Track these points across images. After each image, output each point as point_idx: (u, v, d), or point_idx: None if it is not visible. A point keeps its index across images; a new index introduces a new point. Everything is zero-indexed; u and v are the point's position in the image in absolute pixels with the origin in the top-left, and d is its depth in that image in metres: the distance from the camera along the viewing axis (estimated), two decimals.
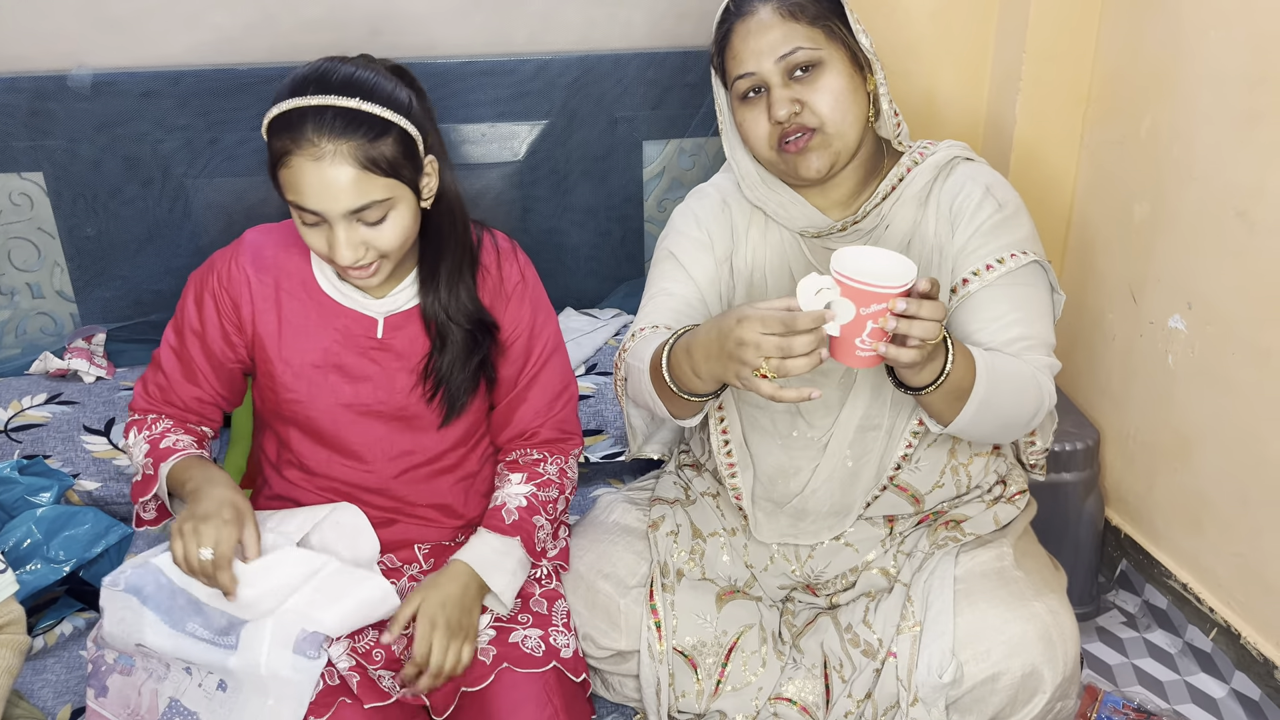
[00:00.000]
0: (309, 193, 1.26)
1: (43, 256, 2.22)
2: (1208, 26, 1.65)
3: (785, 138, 1.35)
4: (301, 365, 1.44)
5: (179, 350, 1.48)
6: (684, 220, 1.53)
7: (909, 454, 1.43)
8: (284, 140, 1.26)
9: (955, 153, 1.44)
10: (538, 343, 1.52)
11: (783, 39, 1.32)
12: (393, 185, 1.29)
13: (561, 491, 1.53)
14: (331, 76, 1.28)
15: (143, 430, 1.48)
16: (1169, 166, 1.77)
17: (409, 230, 1.34)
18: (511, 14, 2.20)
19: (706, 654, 1.46)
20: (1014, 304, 1.37)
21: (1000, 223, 1.39)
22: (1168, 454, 1.85)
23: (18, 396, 2.04)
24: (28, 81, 2.07)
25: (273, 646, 1.29)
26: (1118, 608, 1.96)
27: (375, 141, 1.26)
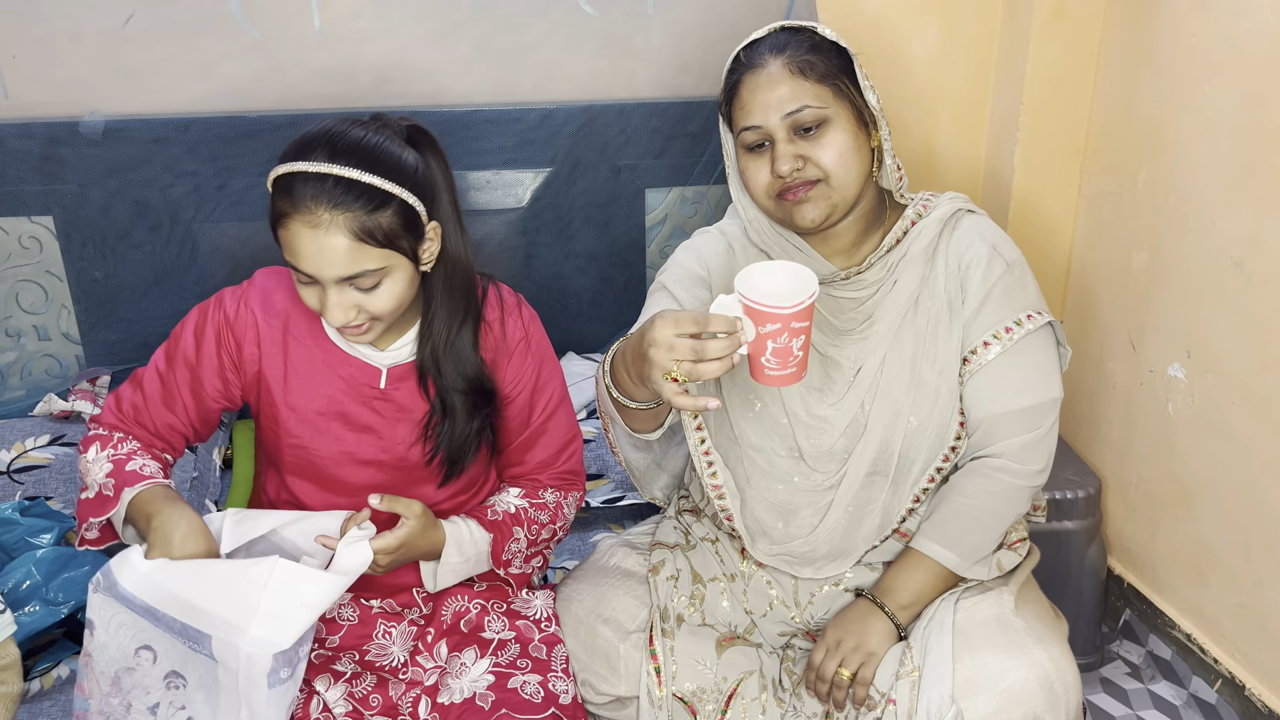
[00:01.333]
0: (304, 257, 1.28)
1: (50, 299, 2.24)
2: (1202, 80, 1.68)
3: (786, 189, 1.37)
4: (306, 411, 1.45)
5: (165, 376, 1.46)
6: (686, 255, 1.55)
7: (914, 508, 1.44)
8: (284, 202, 1.27)
9: (958, 205, 1.47)
10: (541, 397, 1.51)
11: (790, 96, 1.34)
12: (388, 255, 1.30)
13: (552, 521, 1.52)
14: (338, 142, 1.28)
15: (106, 447, 1.42)
16: (1166, 217, 1.79)
17: (404, 295, 1.34)
18: (517, 64, 2.24)
19: (706, 701, 1.45)
20: (1026, 370, 1.41)
21: (1010, 285, 1.41)
22: (1169, 503, 1.85)
23: (21, 438, 2.05)
24: (41, 127, 2.11)
25: (247, 681, 1.25)
26: (1121, 658, 1.95)
27: (373, 213, 1.27)
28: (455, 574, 1.47)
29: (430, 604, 1.52)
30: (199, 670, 1.28)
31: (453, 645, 1.45)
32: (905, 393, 1.43)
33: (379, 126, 1.34)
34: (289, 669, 1.27)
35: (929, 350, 1.43)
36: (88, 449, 1.44)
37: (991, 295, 1.41)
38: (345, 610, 1.49)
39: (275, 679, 1.25)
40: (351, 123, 1.33)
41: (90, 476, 1.41)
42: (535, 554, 1.53)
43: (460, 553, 1.45)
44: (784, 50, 1.36)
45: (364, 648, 1.46)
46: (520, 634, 1.47)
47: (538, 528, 1.50)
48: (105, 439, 1.44)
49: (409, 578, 1.52)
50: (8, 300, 2.22)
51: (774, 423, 1.46)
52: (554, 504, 1.53)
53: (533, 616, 1.51)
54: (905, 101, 2.08)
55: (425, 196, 1.34)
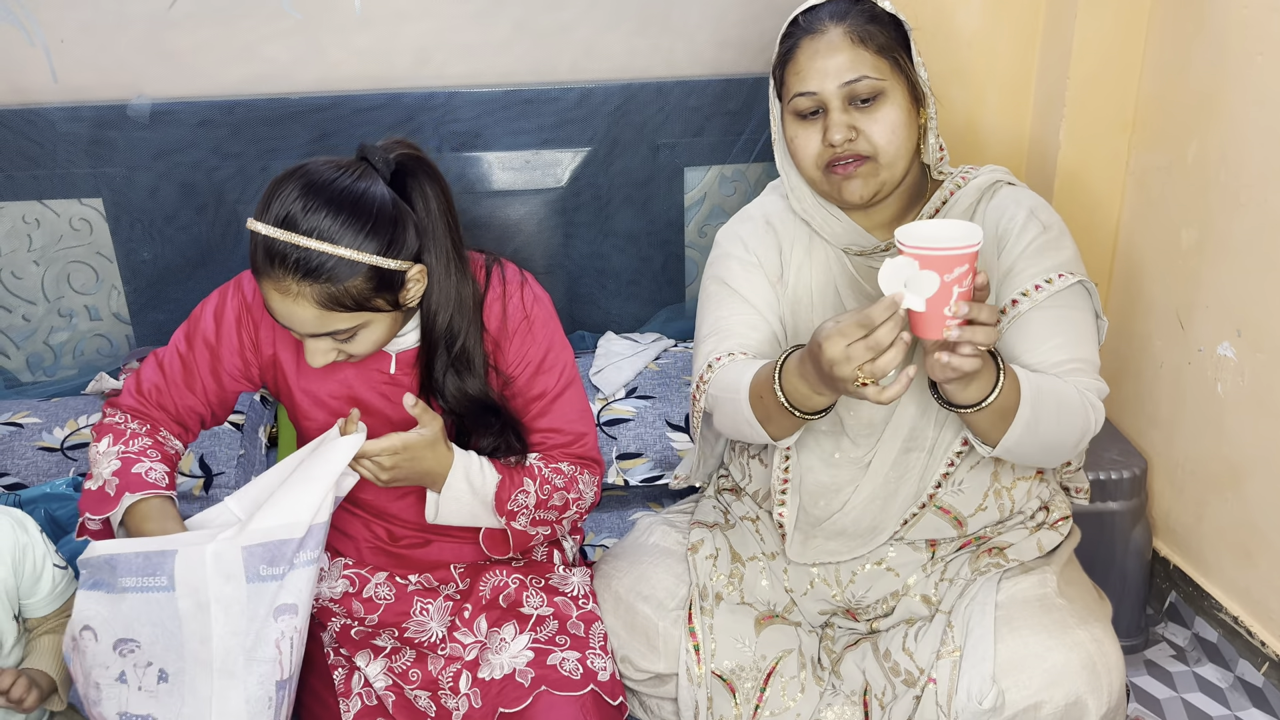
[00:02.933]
0: (276, 314, 1.29)
1: (101, 280, 2.28)
2: (1254, 52, 1.64)
3: (835, 161, 1.36)
4: (319, 394, 1.46)
5: (186, 357, 1.46)
6: (730, 243, 1.53)
7: (950, 473, 1.42)
8: (256, 260, 1.27)
9: (998, 176, 1.45)
10: (545, 379, 1.47)
11: (850, 64, 1.33)
12: (359, 316, 1.29)
13: (567, 489, 1.47)
14: (308, 203, 1.24)
15: (118, 441, 1.41)
16: (1217, 192, 1.75)
17: (384, 337, 1.35)
18: (555, 44, 2.24)
19: (745, 678, 1.46)
20: (1060, 326, 1.36)
21: (1045, 244, 1.38)
22: (1217, 483, 1.82)
23: (74, 416, 2.10)
24: (89, 111, 2.14)
25: (217, 578, 1.23)
26: (1167, 640, 1.92)
27: (342, 283, 1.25)
28: (460, 506, 1.42)
29: (467, 579, 1.53)
30: (149, 622, 1.26)
31: (492, 620, 1.46)
32: None
33: (360, 172, 1.28)
34: (269, 565, 1.24)
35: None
36: (100, 438, 1.43)
37: (1026, 253, 1.38)
38: (382, 589, 1.51)
39: (254, 574, 1.24)
40: (330, 170, 1.27)
41: (97, 468, 1.40)
42: (544, 522, 1.48)
43: (467, 482, 1.40)
44: (845, 18, 1.34)
45: (403, 625, 1.48)
46: (559, 610, 1.48)
47: (550, 488, 1.45)
48: (119, 431, 1.42)
49: (445, 553, 1.54)
50: (60, 281, 2.27)
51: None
52: (570, 473, 1.48)
53: (570, 593, 1.52)
54: (949, 76, 2.05)
55: (407, 244, 1.29)
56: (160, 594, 1.25)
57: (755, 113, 2.26)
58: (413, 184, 1.32)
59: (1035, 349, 1.35)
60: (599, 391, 2.16)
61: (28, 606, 1.35)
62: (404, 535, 1.53)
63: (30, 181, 2.18)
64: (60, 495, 1.84)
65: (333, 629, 1.49)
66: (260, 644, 1.25)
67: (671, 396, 2.13)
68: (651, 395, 2.14)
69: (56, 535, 1.80)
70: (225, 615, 1.23)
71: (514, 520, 1.45)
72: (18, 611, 1.34)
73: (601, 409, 2.11)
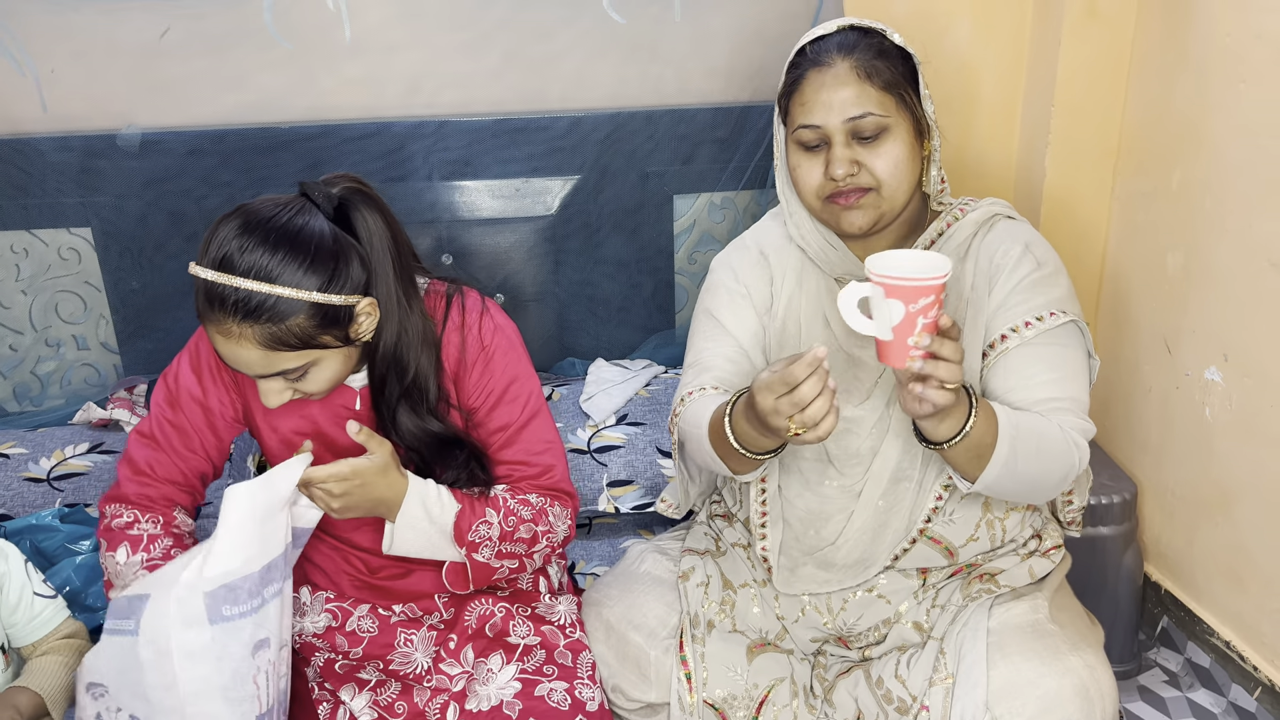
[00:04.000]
0: (223, 357, 1.28)
1: (89, 309, 2.27)
2: (1236, 79, 1.66)
3: (837, 193, 1.36)
4: (286, 432, 1.45)
5: (176, 420, 1.44)
6: (722, 271, 1.54)
7: (940, 506, 1.42)
8: (200, 302, 1.25)
9: (997, 210, 1.45)
10: (507, 409, 1.44)
11: (855, 100, 1.32)
12: (307, 354, 1.27)
13: (534, 522, 1.43)
14: (246, 242, 1.22)
15: (138, 550, 1.38)
16: (1201, 218, 1.76)
17: (338, 374, 1.32)
18: (545, 72, 2.25)
19: (737, 707, 1.45)
20: (1049, 364, 1.36)
21: (1038, 280, 1.39)
22: (1208, 508, 1.82)
23: (61, 446, 2.09)
24: (79, 140, 2.15)
25: (178, 625, 1.21)
26: (1160, 666, 1.92)
27: (283, 322, 1.23)
28: (416, 535, 1.38)
29: (452, 609, 1.52)
30: (114, 666, 1.25)
31: (478, 650, 1.45)
32: None
33: (298, 208, 1.26)
34: (232, 604, 1.23)
35: None
36: (115, 547, 1.39)
37: (1018, 289, 1.38)
38: (364, 621, 1.49)
39: (218, 616, 1.22)
40: (270, 207, 1.26)
41: (122, 580, 1.37)
42: (511, 555, 1.43)
43: (424, 509, 1.37)
44: (853, 51, 1.34)
45: (387, 657, 1.46)
46: (545, 639, 1.47)
47: (515, 520, 1.42)
48: (135, 539, 1.39)
49: (426, 583, 1.52)
50: (48, 310, 2.26)
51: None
52: (539, 505, 1.45)
53: (557, 622, 1.51)
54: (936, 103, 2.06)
55: (352, 280, 1.27)
56: (126, 638, 1.24)
57: (743, 140, 2.28)
58: (356, 217, 1.30)
59: (1023, 385, 1.35)
60: (589, 418, 2.15)
61: (11, 635, 1.34)
62: (382, 566, 1.51)
63: (19, 211, 2.18)
64: (46, 527, 1.82)
65: (316, 664, 1.47)
66: (238, 682, 1.23)
67: (662, 423, 2.13)
68: (642, 422, 2.14)
69: (42, 566, 1.79)
70: (189, 662, 1.22)
71: (476, 552, 1.41)
72: (3, 641, 1.33)
73: (592, 436, 2.10)
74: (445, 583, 1.46)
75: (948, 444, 1.24)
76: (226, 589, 1.23)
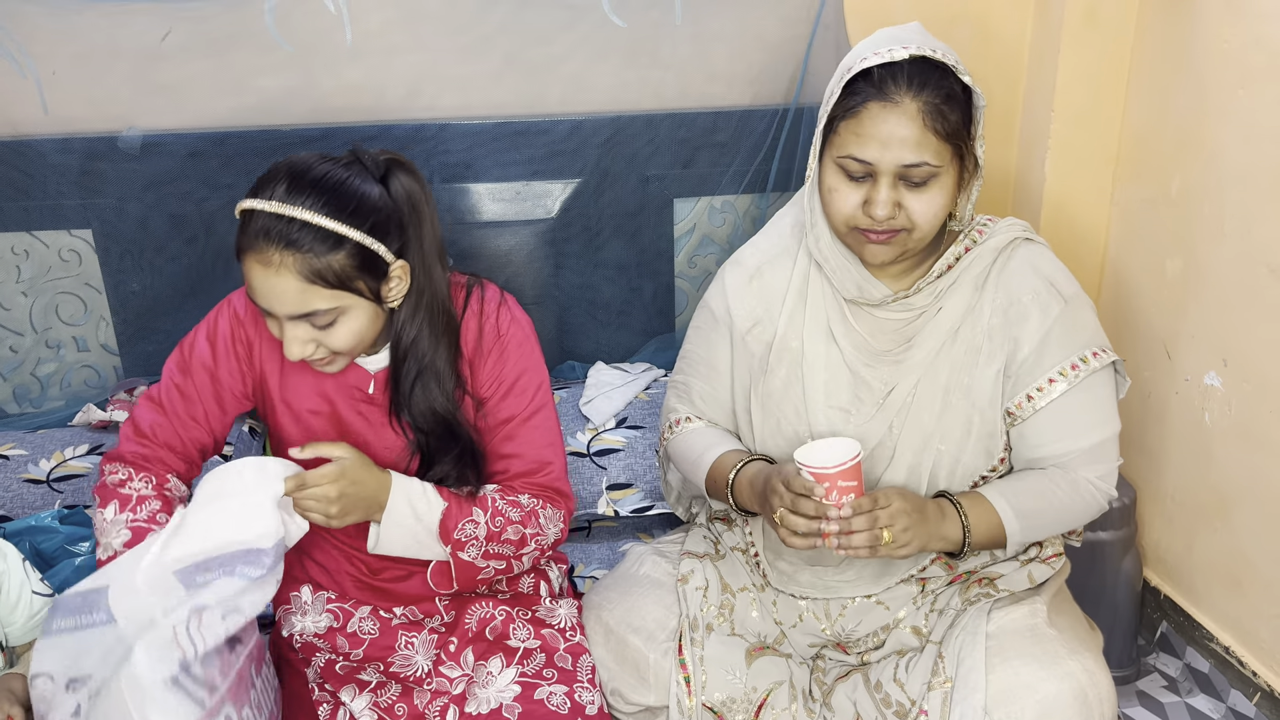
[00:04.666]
0: (258, 293, 1.30)
1: (89, 311, 2.27)
2: (1236, 85, 1.66)
3: (870, 229, 1.34)
4: (300, 410, 1.46)
5: (184, 386, 1.45)
6: (715, 295, 1.56)
7: None
8: (243, 236, 1.28)
9: (1015, 234, 1.43)
10: (514, 400, 1.46)
11: (914, 147, 1.28)
12: (341, 296, 1.29)
13: (524, 524, 1.44)
14: (295, 180, 1.28)
15: (125, 509, 1.38)
16: (1200, 224, 1.76)
17: (364, 332, 1.34)
18: (545, 76, 2.25)
19: (736, 710, 1.44)
20: (1089, 409, 1.40)
21: (1070, 323, 1.39)
22: (1207, 513, 1.82)
23: (60, 447, 2.08)
24: (80, 142, 2.15)
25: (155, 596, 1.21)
26: (1158, 671, 1.92)
27: (324, 256, 1.26)
28: (402, 533, 1.38)
29: (452, 611, 1.52)
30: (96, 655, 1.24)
31: (479, 653, 1.45)
32: (935, 420, 1.41)
33: (348, 162, 1.32)
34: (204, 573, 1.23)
35: (962, 380, 1.41)
36: (106, 503, 1.40)
37: (1052, 334, 1.38)
38: (365, 623, 1.50)
39: (192, 584, 1.23)
40: (319, 158, 1.31)
41: (106, 538, 1.38)
42: (498, 555, 1.44)
43: (409, 506, 1.37)
44: (923, 91, 1.27)
45: (388, 659, 1.47)
46: (545, 643, 1.47)
47: (503, 521, 1.42)
48: (125, 498, 1.40)
49: (428, 587, 1.51)
50: (48, 312, 2.26)
51: (800, 443, 1.45)
52: (529, 507, 1.45)
53: (557, 625, 1.51)
54: None
55: (391, 236, 1.31)
56: (102, 628, 1.23)
57: (744, 144, 2.28)
58: (397, 185, 1.35)
59: (1069, 436, 1.40)
60: (589, 421, 2.15)
61: (9, 634, 1.34)
62: (384, 568, 1.52)
63: (20, 213, 2.18)
64: (45, 528, 1.82)
65: (317, 664, 1.47)
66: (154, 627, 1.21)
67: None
68: (642, 425, 2.14)
69: (41, 567, 1.79)
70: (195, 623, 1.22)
71: (461, 550, 1.41)
72: (1, 639, 1.34)
73: (591, 439, 2.10)
74: (430, 583, 1.46)
75: (961, 555, 1.37)
76: (198, 566, 1.23)
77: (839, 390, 1.44)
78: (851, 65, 1.32)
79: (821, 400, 1.45)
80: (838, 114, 1.32)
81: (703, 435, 1.54)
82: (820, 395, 1.45)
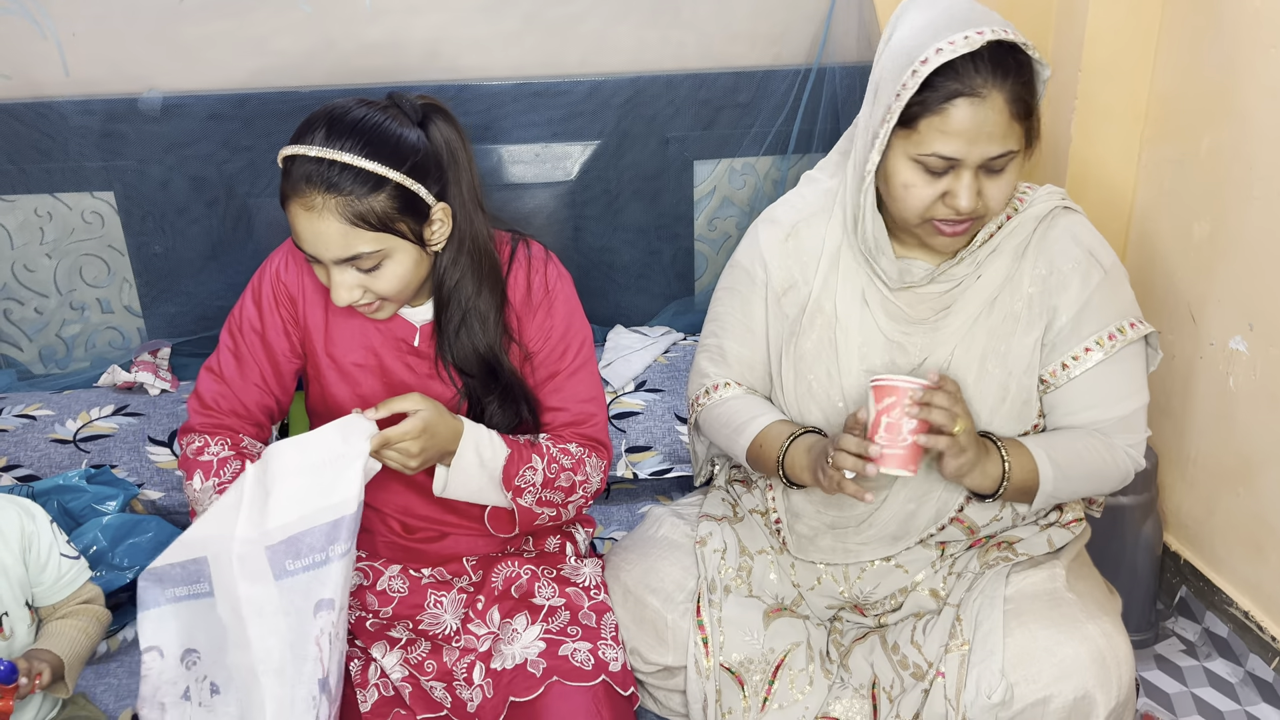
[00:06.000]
0: (303, 238, 1.31)
1: (112, 273, 2.29)
2: (1268, 45, 1.63)
3: (948, 220, 1.32)
4: (345, 364, 1.47)
5: (238, 352, 1.48)
6: (748, 253, 1.53)
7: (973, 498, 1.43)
8: (286, 183, 1.30)
9: (1055, 203, 1.42)
10: (564, 355, 1.49)
11: (1002, 139, 1.26)
12: (384, 238, 1.30)
13: (574, 471, 1.47)
14: (335, 124, 1.29)
15: (210, 475, 1.42)
16: (1230, 186, 1.74)
17: (409, 276, 1.35)
18: (565, 36, 2.24)
19: (754, 671, 1.46)
20: (1121, 379, 1.40)
21: (1107, 293, 1.39)
22: (1229, 478, 1.81)
23: (86, 408, 2.11)
24: (100, 104, 2.15)
25: (245, 581, 1.22)
26: (1177, 635, 1.92)
27: (365, 198, 1.27)
28: (468, 479, 1.40)
29: (480, 571, 1.54)
30: (202, 629, 1.26)
31: (504, 611, 1.47)
32: (970, 388, 1.40)
33: (386, 106, 1.34)
34: (295, 558, 1.23)
35: (998, 347, 1.40)
36: (192, 474, 1.44)
37: (1090, 304, 1.38)
38: (395, 581, 1.52)
39: (281, 571, 1.23)
40: (358, 103, 1.33)
41: (201, 508, 1.41)
42: (550, 503, 1.47)
43: (477, 454, 1.39)
44: (1006, 79, 1.24)
45: (417, 617, 1.49)
46: (570, 601, 1.49)
47: (557, 467, 1.45)
48: (207, 465, 1.43)
49: (459, 547, 1.54)
50: (72, 274, 2.28)
51: (831, 406, 1.45)
52: (578, 454, 1.48)
53: (582, 584, 1.53)
54: None
55: (431, 178, 1.33)
56: (206, 599, 1.25)
57: (765, 105, 2.26)
58: (435, 130, 1.36)
59: (1102, 403, 1.40)
60: (608, 385, 2.16)
61: (36, 594, 1.36)
62: (419, 528, 1.53)
63: (42, 175, 2.19)
64: (73, 487, 1.85)
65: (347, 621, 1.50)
66: (302, 641, 1.23)
67: (681, 390, 2.13)
68: (661, 389, 2.14)
69: (69, 526, 1.81)
70: (259, 618, 1.23)
71: (520, 497, 1.44)
72: (29, 599, 1.36)
73: (611, 402, 2.11)
74: (489, 528, 1.49)
75: (993, 497, 1.36)
76: (288, 543, 1.23)
77: (873, 354, 1.43)
78: (924, 55, 1.24)
79: (856, 364, 1.44)
80: (918, 111, 1.26)
81: (745, 404, 1.51)
82: (855, 359, 1.44)
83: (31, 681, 1.25)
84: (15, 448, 2.00)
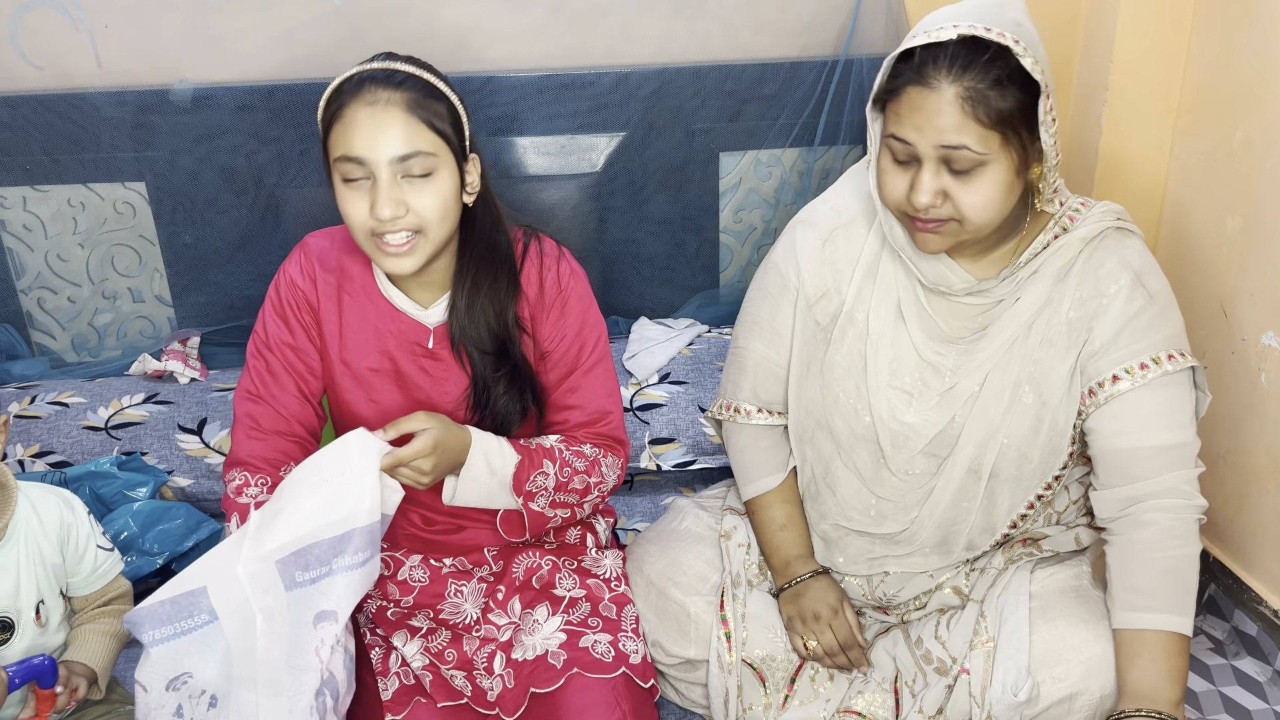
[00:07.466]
0: (359, 138, 1.30)
1: (144, 263, 2.32)
2: None
3: (915, 217, 1.27)
4: (359, 369, 1.47)
5: (270, 368, 1.45)
6: (784, 256, 1.48)
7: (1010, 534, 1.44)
8: (340, 98, 1.33)
9: (1107, 224, 1.34)
10: (578, 354, 1.48)
11: (954, 130, 1.19)
12: (439, 144, 1.32)
13: (588, 473, 1.46)
14: (393, 57, 1.36)
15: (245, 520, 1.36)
16: (1263, 179, 1.71)
17: (449, 205, 1.34)
18: (591, 28, 2.23)
19: (776, 668, 1.46)
20: (1168, 408, 1.31)
21: (1152, 317, 1.31)
22: (1259, 475, 1.79)
23: (118, 396, 2.14)
24: (133, 95, 2.17)
25: (257, 592, 1.22)
26: (1205, 633, 1.90)
27: (427, 100, 1.32)
28: (477, 487, 1.40)
29: (500, 561, 1.55)
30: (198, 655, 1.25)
31: (525, 601, 1.48)
32: (1002, 414, 1.35)
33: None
34: (304, 570, 1.23)
35: (1033, 373, 1.35)
36: (230, 518, 1.41)
37: (1129, 327, 1.30)
38: (416, 571, 1.53)
39: (291, 582, 1.23)
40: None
41: None
42: (563, 505, 1.46)
43: (486, 463, 1.38)
44: (964, 74, 1.18)
45: (438, 606, 1.49)
46: (591, 593, 1.49)
47: (570, 471, 1.44)
48: (243, 507, 1.40)
49: (480, 538, 1.55)
50: (104, 264, 2.31)
51: (858, 420, 1.43)
52: (592, 456, 1.47)
53: (603, 575, 1.53)
54: None
55: (465, 127, 1.38)
56: (204, 629, 1.24)
57: (791, 97, 2.25)
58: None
59: (1138, 429, 1.31)
60: (632, 376, 2.16)
61: (72, 584, 1.38)
62: (438, 520, 1.54)
63: (75, 165, 2.22)
64: (104, 474, 1.88)
65: (368, 610, 1.51)
66: (300, 652, 1.23)
67: (705, 382, 2.13)
68: (685, 381, 2.14)
69: (100, 512, 1.84)
70: (269, 624, 1.23)
71: (532, 501, 1.43)
72: (64, 589, 1.38)
73: (635, 394, 2.11)
74: (500, 531, 1.49)
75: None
76: (297, 555, 1.23)
77: (903, 371, 1.39)
78: (904, 43, 1.25)
79: (885, 380, 1.40)
80: (888, 97, 1.26)
81: (754, 457, 1.57)
82: (884, 375, 1.40)
83: (69, 695, 1.27)
84: (48, 434, 2.03)
